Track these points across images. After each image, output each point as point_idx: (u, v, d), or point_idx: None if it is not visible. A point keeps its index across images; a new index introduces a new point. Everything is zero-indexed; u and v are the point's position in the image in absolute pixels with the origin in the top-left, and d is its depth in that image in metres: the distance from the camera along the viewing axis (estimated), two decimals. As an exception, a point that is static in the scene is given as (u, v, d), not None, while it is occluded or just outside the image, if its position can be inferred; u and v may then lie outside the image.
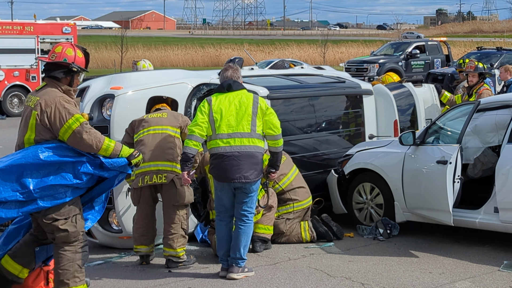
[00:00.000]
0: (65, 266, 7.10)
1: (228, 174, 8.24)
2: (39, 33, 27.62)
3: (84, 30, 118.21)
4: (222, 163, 8.22)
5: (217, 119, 8.28)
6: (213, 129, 8.28)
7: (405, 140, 9.81)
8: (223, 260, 8.42)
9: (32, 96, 7.22)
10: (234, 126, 8.29)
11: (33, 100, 7.12)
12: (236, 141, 8.27)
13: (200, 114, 8.31)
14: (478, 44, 53.68)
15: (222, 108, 8.32)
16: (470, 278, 8.27)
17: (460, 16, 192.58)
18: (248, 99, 8.41)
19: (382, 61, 36.28)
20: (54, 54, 7.23)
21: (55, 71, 7.20)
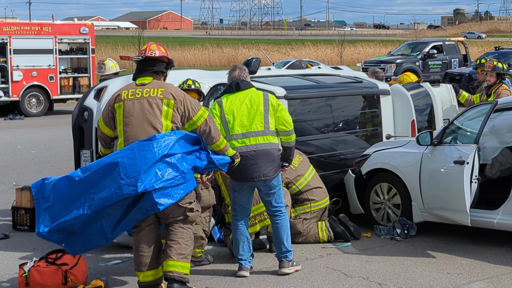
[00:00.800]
0: (188, 242, 7.55)
1: (246, 174, 8.26)
2: (57, 34, 27.74)
3: (101, 31, 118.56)
4: (240, 163, 8.23)
5: (229, 120, 8.30)
6: (226, 130, 8.29)
7: (423, 140, 9.79)
8: (240, 260, 8.43)
9: (143, 88, 7.57)
10: (248, 126, 8.31)
11: (155, 91, 7.53)
12: (251, 140, 8.29)
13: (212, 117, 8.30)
14: (496, 44, 53.46)
15: (234, 108, 8.33)
16: (488, 279, 8.25)
17: (477, 15, 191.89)
18: (258, 97, 8.43)
19: (399, 61, 36.24)
20: (152, 51, 7.73)
21: (156, 66, 7.73)
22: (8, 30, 26.76)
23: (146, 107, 7.49)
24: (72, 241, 7.59)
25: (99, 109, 9.66)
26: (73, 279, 7.82)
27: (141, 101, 7.51)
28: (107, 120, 7.70)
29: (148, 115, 7.46)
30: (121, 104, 7.56)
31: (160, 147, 7.27)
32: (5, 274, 8.53)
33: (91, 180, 7.27)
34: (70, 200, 7.32)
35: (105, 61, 10.83)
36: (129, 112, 7.50)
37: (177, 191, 7.34)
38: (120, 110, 7.56)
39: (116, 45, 66.43)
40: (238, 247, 8.46)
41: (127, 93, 7.58)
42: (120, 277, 8.42)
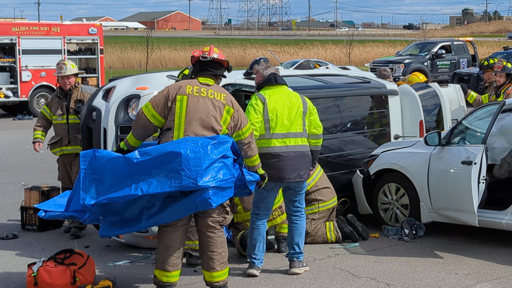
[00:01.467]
0: (225, 248, 7.64)
1: (284, 174, 8.28)
2: (66, 34, 27.83)
3: (110, 31, 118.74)
4: (278, 162, 8.24)
5: (272, 119, 8.27)
6: (267, 128, 8.27)
7: (431, 141, 9.78)
8: (254, 258, 8.43)
9: (207, 88, 7.62)
10: (288, 126, 8.33)
11: (219, 95, 7.63)
12: (291, 141, 8.33)
13: (254, 113, 8.24)
14: (505, 44, 53.34)
15: (277, 107, 8.31)
16: (496, 280, 8.24)
17: (486, 15, 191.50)
18: (297, 98, 8.49)
19: (408, 61, 36.20)
20: (216, 54, 7.82)
21: (219, 70, 7.83)
22: (17, 31, 26.88)
23: (211, 108, 7.52)
24: (107, 220, 7.58)
25: (107, 110, 9.67)
26: (82, 279, 7.84)
27: (206, 101, 7.54)
28: (162, 109, 7.54)
29: (211, 116, 7.50)
30: (184, 98, 7.49)
31: (221, 147, 7.35)
32: (14, 274, 8.56)
33: (150, 164, 7.25)
34: (122, 179, 7.29)
35: (65, 61, 10.74)
36: (194, 108, 7.48)
37: (227, 193, 7.41)
38: (182, 103, 7.48)
39: (124, 46, 66.56)
40: (254, 247, 8.44)
41: (192, 89, 7.56)
42: (128, 277, 8.43)
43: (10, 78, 27.06)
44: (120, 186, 7.27)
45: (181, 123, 7.45)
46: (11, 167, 16.13)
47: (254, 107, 8.26)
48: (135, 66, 56.54)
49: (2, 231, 10.56)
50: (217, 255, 7.55)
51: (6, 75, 27.00)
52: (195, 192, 7.23)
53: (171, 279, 7.49)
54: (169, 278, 7.48)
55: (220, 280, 7.58)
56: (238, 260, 8.99)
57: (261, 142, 8.25)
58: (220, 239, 7.59)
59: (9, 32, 26.70)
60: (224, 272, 7.61)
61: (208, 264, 7.56)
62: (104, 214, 7.52)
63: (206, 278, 7.62)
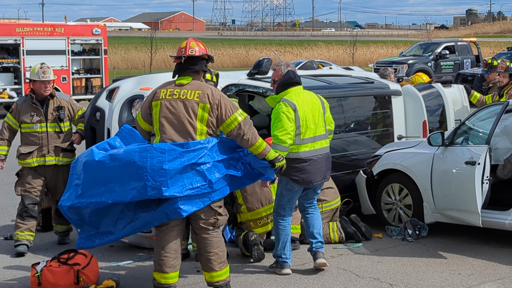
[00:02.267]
0: (223, 248, 7.63)
1: (314, 177, 8.30)
2: (70, 35, 27.86)
3: (114, 32, 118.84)
4: (309, 166, 8.22)
5: (302, 125, 8.21)
6: (297, 134, 8.19)
7: (434, 141, 9.78)
8: (285, 258, 8.44)
9: (181, 89, 7.52)
10: (314, 129, 8.30)
11: (192, 94, 7.47)
12: (317, 144, 8.33)
13: (288, 121, 8.09)
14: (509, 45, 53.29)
15: (306, 113, 8.24)
16: (500, 280, 8.24)
17: (490, 16, 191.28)
18: (316, 99, 8.48)
19: (411, 61, 36.19)
20: (192, 49, 7.62)
21: (197, 65, 7.63)
22: (21, 31, 26.92)
23: (182, 110, 7.44)
24: (85, 229, 7.64)
25: (111, 110, 9.69)
26: (85, 279, 7.86)
27: (178, 103, 7.47)
28: (145, 116, 7.65)
29: (183, 119, 7.41)
30: (158, 103, 7.51)
31: (191, 154, 7.25)
32: (18, 274, 8.58)
33: (118, 171, 7.28)
34: (96, 184, 7.39)
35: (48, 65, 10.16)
36: (166, 113, 7.47)
37: (202, 200, 7.35)
38: (156, 109, 7.51)
39: (128, 46, 66.61)
40: (284, 247, 8.43)
41: (165, 93, 7.54)
42: (131, 277, 8.45)
43: (14, 78, 27.09)
44: (93, 191, 7.39)
45: (157, 129, 7.48)
46: (15, 168, 16.06)
47: (287, 115, 8.11)
48: (139, 66, 56.58)
49: (6, 231, 10.58)
50: (214, 255, 7.53)
51: (10, 76, 27.03)
52: (165, 201, 7.24)
53: (169, 281, 7.47)
54: (167, 280, 7.47)
55: (220, 279, 7.58)
56: (242, 260, 9.00)
57: (291, 148, 8.16)
58: (215, 239, 7.55)
59: (13, 33, 26.74)
60: (224, 271, 7.61)
61: (207, 265, 7.57)
62: (82, 223, 7.65)
63: (207, 279, 7.64)
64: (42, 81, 9.73)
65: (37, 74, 9.78)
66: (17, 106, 9.83)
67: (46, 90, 9.79)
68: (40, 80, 9.74)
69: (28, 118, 9.73)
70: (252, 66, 10.60)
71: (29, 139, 9.82)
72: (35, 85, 9.79)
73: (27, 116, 9.73)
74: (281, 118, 8.11)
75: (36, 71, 9.80)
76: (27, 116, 9.73)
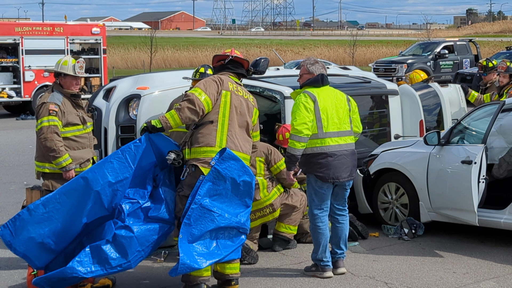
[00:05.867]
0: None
1: (340, 173, 8.22)
2: (69, 34, 27.88)
3: (114, 31, 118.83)
4: (334, 161, 8.15)
5: (324, 118, 8.12)
6: (319, 127, 8.12)
7: (430, 140, 9.81)
8: (327, 262, 8.33)
9: (241, 88, 7.88)
10: (338, 125, 8.23)
11: (249, 96, 7.92)
12: (342, 140, 8.25)
13: (306, 111, 8.03)
14: (508, 44, 53.28)
15: (327, 106, 8.17)
16: (495, 278, 8.27)
17: (490, 16, 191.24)
18: (342, 96, 8.43)
19: (411, 61, 36.22)
20: (238, 55, 8.01)
21: (240, 69, 8.00)
22: (20, 31, 26.93)
23: (245, 107, 7.76)
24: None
25: (108, 109, 9.72)
26: (82, 278, 7.85)
27: (242, 100, 7.77)
28: (214, 97, 7.64)
29: (247, 117, 7.77)
30: (228, 94, 7.67)
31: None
32: (15, 272, 8.60)
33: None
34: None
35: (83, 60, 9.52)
36: (235, 106, 7.69)
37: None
38: (226, 99, 7.66)
39: (128, 46, 66.60)
40: (325, 250, 8.33)
41: (233, 86, 7.76)
42: (128, 276, 8.45)
43: (13, 78, 27.12)
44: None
45: (225, 118, 7.61)
46: (13, 167, 16.18)
47: (305, 105, 8.05)
48: (139, 66, 56.58)
49: (3, 230, 10.60)
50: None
51: (9, 75, 27.06)
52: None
53: (209, 272, 7.63)
54: (209, 272, 7.61)
55: (234, 273, 7.69)
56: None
57: (315, 142, 8.13)
58: None
59: (12, 32, 26.76)
60: (238, 265, 7.73)
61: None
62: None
63: (224, 270, 7.68)
64: (75, 76, 8.61)
65: (72, 68, 8.61)
66: (58, 107, 8.48)
67: (76, 87, 8.68)
68: (73, 75, 8.60)
69: (75, 119, 8.58)
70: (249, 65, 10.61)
71: (80, 143, 8.62)
72: (65, 80, 8.60)
73: (72, 117, 8.56)
74: (299, 108, 8.05)
75: (69, 64, 8.61)
76: (72, 117, 8.56)
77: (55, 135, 8.32)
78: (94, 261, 7.22)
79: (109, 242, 7.27)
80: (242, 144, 7.69)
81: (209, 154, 7.49)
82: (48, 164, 8.48)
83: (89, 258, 7.22)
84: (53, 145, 8.29)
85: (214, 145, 7.52)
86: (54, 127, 8.33)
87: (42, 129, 8.35)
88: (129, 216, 7.39)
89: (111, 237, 7.28)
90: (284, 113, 10.05)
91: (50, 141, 8.30)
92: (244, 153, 7.69)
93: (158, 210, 7.50)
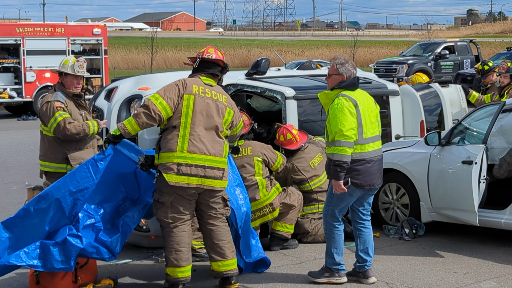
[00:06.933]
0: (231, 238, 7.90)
1: (376, 180, 7.92)
2: (70, 35, 27.90)
3: (114, 32, 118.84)
4: (372, 168, 7.81)
5: (364, 123, 7.74)
6: (359, 132, 7.69)
7: (431, 141, 9.82)
8: (343, 266, 8.13)
9: (211, 89, 7.78)
10: (372, 129, 7.87)
11: (221, 97, 7.83)
12: (376, 145, 7.91)
13: (350, 116, 7.62)
14: (509, 45, 53.29)
15: (364, 110, 7.80)
16: (495, 278, 8.28)
17: (491, 16, 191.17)
18: (371, 99, 8.06)
19: (411, 61, 36.23)
20: (209, 54, 7.88)
21: (212, 69, 7.88)
22: (22, 32, 26.96)
23: (214, 109, 7.69)
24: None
25: (109, 110, 9.73)
26: (83, 278, 7.88)
27: (210, 102, 7.70)
28: (172, 101, 7.57)
29: (215, 118, 7.68)
30: (191, 97, 7.62)
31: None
32: (17, 272, 8.57)
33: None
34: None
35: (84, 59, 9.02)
36: (200, 109, 7.63)
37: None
38: (189, 102, 7.60)
39: (129, 46, 66.57)
40: (341, 255, 8.12)
41: (198, 89, 7.69)
42: (129, 276, 8.49)
43: (14, 78, 27.13)
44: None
45: (187, 122, 7.56)
46: (15, 167, 16.19)
47: (349, 110, 7.62)
48: (140, 66, 56.57)
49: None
50: (228, 243, 7.77)
51: (11, 76, 27.08)
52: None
53: (185, 274, 7.66)
54: (184, 273, 7.64)
55: (232, 268, 7.76)
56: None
57: (354, 148, 7.69)
58: (226, 228, 7.81)
59: (13, 33, 26.78)
60: (235, 261, 7.82)
61: (221, 254, 7.73)
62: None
63: (219, 269, 7.74)
64: (75, 75, 8.67)
65: (72, 67, 8.69)
66: (63, 103, 8.59)
67: (78, 87, 8.75)
68: (73, 74, 8.68)
69: (79, 119, 8.66)
70: (250, 66, 10.65)
71: (82, 143, 8.69)
72: (66, 80, 8.70)
73: (76, 116, 8.65)
74: (344, 112, 7.61)
75: (69, 63, 8.70)
76: (77, 116, 8.66)
77: (71, 124, 8.45)
78: (40, 256, 7.42)
79: (58, 245, 7.43)
80: (210, 146, 7.62)
81: (171, 159, 7.49)
82: (49, 163, 8.61)
83: (36, 252, 7.43)
84: (77, 129, 8.48)
85: (175, 150, 7.50)
86: (67, 118, 8.45)
87: (59, 124, 8.44)
88: (83, 229, 7.55)
89: (61, 240, 7.44)
90: (285, 113, 10.06)
91: (73, 129, 8.47)
92: (212, 155, 7.62)
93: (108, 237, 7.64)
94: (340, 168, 7.62)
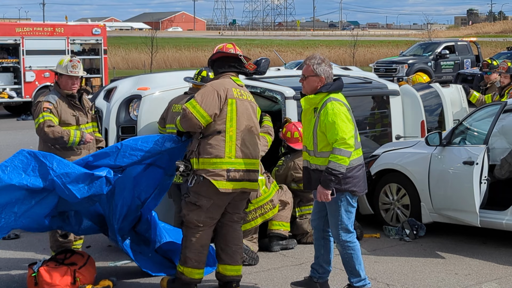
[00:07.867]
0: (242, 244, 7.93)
1: (366, 185, 7.47)
2: (69, 35, 27.88)
3: (114, 32, 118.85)
4: (362, 174, 7.33)
5: (354, 126, 7.28)
6: (355, 137, 7.19)
7: (431, 141, 9.79)
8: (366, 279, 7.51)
9: (243, 90, 7.70)
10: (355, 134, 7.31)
11: (250, 96, 7.77)
12: (361, 150, 7.44)
13: (348, 122, 7.11)
14: (509, 44, 53.28)
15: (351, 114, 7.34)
16: (497, 280, 8.25)
17: (491, 16, 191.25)
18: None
19: (411, 61, 36.21)
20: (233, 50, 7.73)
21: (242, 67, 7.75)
22: (21, 31, 26.94)
23: (251, 111, 7.66)
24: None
25: (109, 110, 9.70)
26: (82, 279, 7.85)
27: (247, 104, 7.63)
28: (213, 110, 7.35)
29: (254, 120, 7.68)
30: (233, 102, 7.49)
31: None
32: (15, 273, 8.58)
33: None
34: None
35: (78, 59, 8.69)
36: (242, 112, 7.54)
37: None
38: (232, 107, 7.47)
39: (129, 46, 66.60)
40: (363, 269, 7.50)
41: (237, 92, 7.57)
42: (128, 277, 8.45)
43: (14, 78, 27.13)
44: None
45: (232, 128, 7.46)
46: (14, 168, 16.12)
47: (346, 116, 7.12)
48: (139, 66, 56.59)
49: (4, 231, 10.58)
50: (240, 249, 7.76)
51: (10, 76, 27.07)
52: None
53: (201, 276, 7.69)
54: (200, 275, 7.68)
55: (239, 274, 7.76)
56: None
57: (352, 154, 7.13)
58: (241, 233, 7.84)
59: (13, 33, 26.76)
60: (241, 267, 7.82)
61: (233, 258, 7.69)
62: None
63: (226, 272, 7.70)
64: (70, 76, 8.49)
65: (65, 67, 8.51)
66: (53, 104, 8.45)
67: (74, 87, 8.54)
68: (67, 74, 8.51)
69: (71, 119, 8.53)
70: (249, 66, 10.59)
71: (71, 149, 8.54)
72: (61, 80, 8.54)
73: (69, 116, 8.52)
74: (343, 118, 7.07)
75: (64, 64, 8.53)
76: (69, 116, 8.52)
77: (50, 127, 8.31)
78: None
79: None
80: (252, 149, 7.57)
81: (219, 166, 7.38)
82: None
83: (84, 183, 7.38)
84: (54, 134, 8.34)
85: (223, 157, 7.40)
86: (48, 121, 8.31)
87: (39, 126, 8.38)
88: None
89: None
90: (285, 113, 10.02)
91: (50, 133, 8.35)
92: (253, 158, 7.60)
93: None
94: (335, 178, 7.02)
